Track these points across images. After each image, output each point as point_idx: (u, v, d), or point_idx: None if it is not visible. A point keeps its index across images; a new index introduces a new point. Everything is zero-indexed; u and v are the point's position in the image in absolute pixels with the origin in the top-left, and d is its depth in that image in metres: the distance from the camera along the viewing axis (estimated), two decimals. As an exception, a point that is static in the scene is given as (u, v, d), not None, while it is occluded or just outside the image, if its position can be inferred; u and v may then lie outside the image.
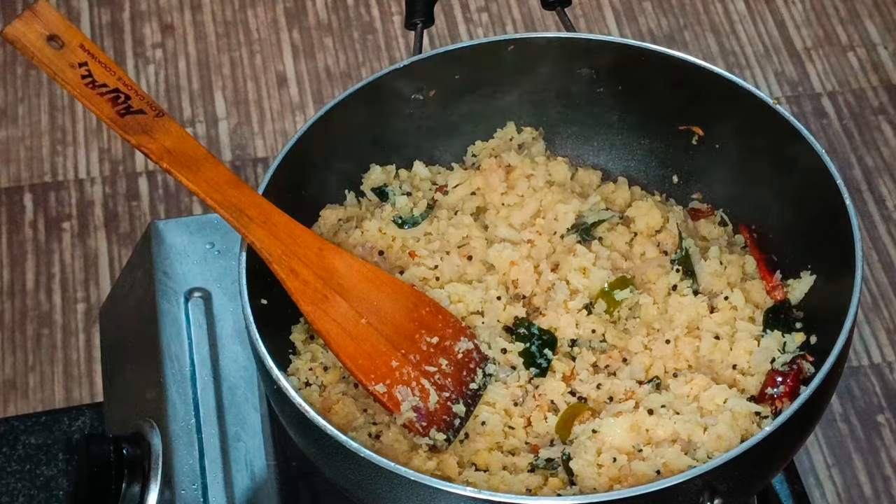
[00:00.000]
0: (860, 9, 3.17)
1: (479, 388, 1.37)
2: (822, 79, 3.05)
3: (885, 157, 2.93)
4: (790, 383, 1.34)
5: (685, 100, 1.50)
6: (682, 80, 1.48)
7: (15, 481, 1.90)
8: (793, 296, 1.42)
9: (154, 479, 1.43)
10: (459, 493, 1.18)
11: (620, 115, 1.56)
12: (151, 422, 1.47)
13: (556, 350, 1.40)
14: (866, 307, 2.71)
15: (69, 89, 1.31)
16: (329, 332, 1.33)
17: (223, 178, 1.34)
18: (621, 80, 1.52)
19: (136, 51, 3.05)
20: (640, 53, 1.49)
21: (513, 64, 1.52)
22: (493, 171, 1.52)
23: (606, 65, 1.51)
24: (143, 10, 3.13)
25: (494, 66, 1.52)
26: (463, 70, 1.51)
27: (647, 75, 1.50)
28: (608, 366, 1.39)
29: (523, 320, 1.42)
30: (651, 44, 1.48)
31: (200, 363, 1.50)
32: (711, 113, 1.49)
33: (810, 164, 1.38)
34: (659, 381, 1.36)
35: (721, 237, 1.50)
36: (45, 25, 1.31)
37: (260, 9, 3.15)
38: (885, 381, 2.61)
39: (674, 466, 1.26)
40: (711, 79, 1.46)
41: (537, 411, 1.36)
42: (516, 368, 1.39)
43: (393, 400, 1.32)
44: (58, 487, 1.90)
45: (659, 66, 1.48)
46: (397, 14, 3.14)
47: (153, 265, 1.57)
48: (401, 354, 1.34)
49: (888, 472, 2.49)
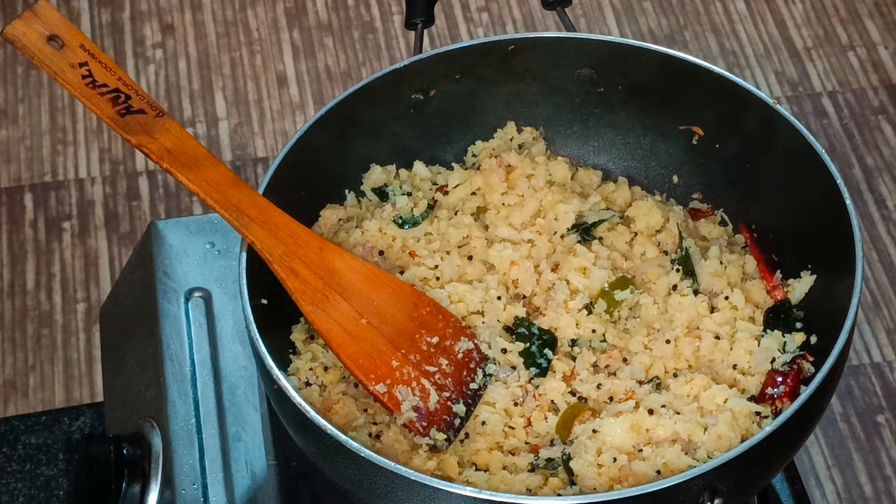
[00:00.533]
0: (860, 8, 3.17)
1: (479, 388, 1.37)
2: (822, 78, 3.05)
3: (886, 157, 2.93)
4: (790, 383, 1.33)
5: (685, 100, 1.50)
6: (682, 80, 1.48)
7: (15, 481, 1.90)
8: (793, 296, 1.42)
9: (154, 478, 1.43)
10: (459, 492, 1.18)
11: (620, 115, 1.56)
12: (152, 422, 1.47)
13: (557, 350, 1.40)
14: (866, 307, 2.71)
15: (69, 89, 1.31)
16: (329, 331, 1.33)
17: (223, 177, 1.34)
18: (621, 80, 1.52)
19: (137, 51, 3.05)
20: (640, 53, 1.49)
21: (513, 64, 1.52)
22: (494, 171, 1.52)
23: (606, 65, 1.51)
24: (144, 10, 3.13)
25: (494, 65, 1.52)
26: (463, 70, 1.51)
27: (647, 75, 1.50)
28: (608, 366, 1.39)
29: (523, 320, 1.42)
30: (651, 44, 1.48)
31: (201, 363, 1.50)
32: (711, 113, 1.49)
33: (810, 164, 1.38)
34: (659, 381, 1.36)
35: (721, 237, 1.50)
36: (45, 25, 1.31)
37: (260, 8, 3.15)
38: (886, 381, 2.61)
39: (674, 466, 1.26)
40: (712, 79, 1.46)
41: (537, 411, 1.36)
42: (516, 368, 1.39)
43: (393, 400, 1.32)
44: (58, 487, 1.90)
45: (659, 66, 1.48)
46: (397, 14, 3.14)
47: (153, 265, 1.57)
48: (401, 354, 1.34)
49: (888, 472, 2.49)
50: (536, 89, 1.55)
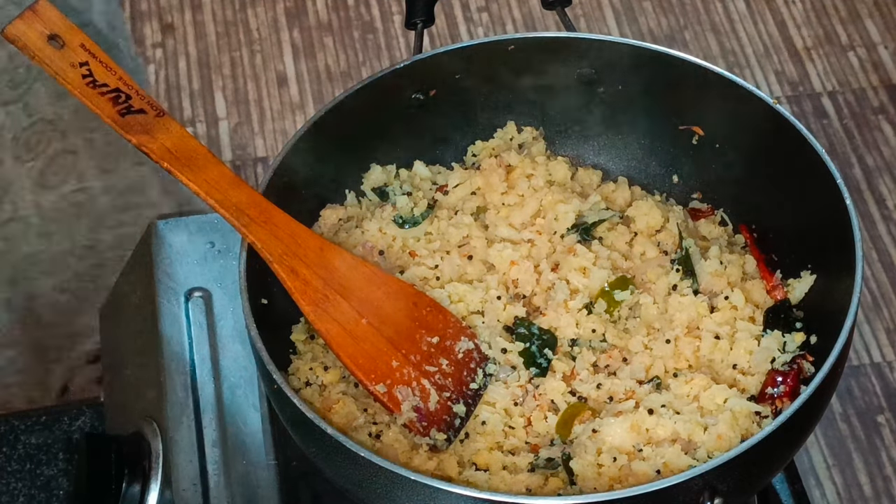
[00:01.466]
0: (860, 8, 3.18)
1: (479, 388, 1.37)
2: (822, 78, 3.05)
3: (886, 157, 2.93)
4: (790, 383, 1.33)
5: (685, 100, 1.50)
6: (682, 80, 1.48)
7: (15, 481, 1.90)
8: (793, 295, 1.42)
9: (154, 478, 1.43)
10: (459, 492, 1.18)
11: (620, 115, 1.55)
12: (152, 421, 1.47)
13: (556, 350, 1.40)
14: (866, 307, 2.72)
15: (70, 89, 1.31)
16: (329, 331, 1.33)
17: (224, 177, 1.33)
18: (621, 80, 1.52)
19: (137, 50, 3.04)
20: (640, 53, 1.49)
21: (513, 64, 1.52)
22: (494, 170, 1.52)
23: (606, 65, 1.51)
24: (144, 9, 3.13)
25: (494, 65, 1.52)
26: (463, 70, 1.51)
27: (647, 75, 1.50)
28: (608, 365, 1.39)
29: (523, 320, 1.42)
30: (651, 44, 1.48)
31: (201, 363, 1.50)
32: (712, 113, 1.49)
33: (810, 164, 1.38)
34: (659, 381, 1.36)
35: (721, 237, 1.50)
36: (45, 25, 1.31)
37: (260, 8, 3.15)
38: (886, 381, 2.61)
39: (674, 466, 1.26)
40: (711, 79, 1.46)
41: (537, 411, 1.36)
42: (516, 368, 1.39)
43: (393, 400, 1.32)
44: (58, 487, 1.90)
45: (659, 66, 1.48)
46: (398, 14, 3.15)
47: (153, 265, 1.57)
48: (401, 354, 1.34)
49: (888, 472, 2.49)
50: (536, 89, 1.55)
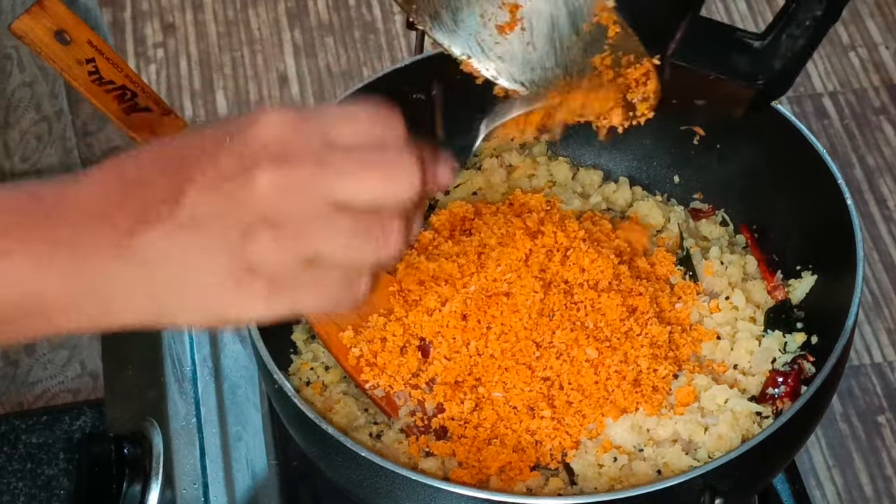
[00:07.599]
0: (861, 8, 3.18)
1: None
2: (823, 79, 3.05)
3: (887, 157, 2.93)
4: (791, 383, 1.33)
5: (686, 100, 1.50)
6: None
7: (16, 480, 1.90)
8: (794, 296, 1.42)
9: (155, 478, 1.43)
10: (460, 492, 1.18)
11: (621, 115, 1.55)
12: (152, 421, 1.47)
13: (557, 350, 1.40)
14: (867, 307, 2.72)
15: (76, 85, 1.30)
16: (329, 333, 1.33)
17: (225, 177, 1.33)
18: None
19: (138, 50, 3.05)
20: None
21: (514, 64, 1.52)
22: (495, 170, 1.51)
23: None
24: (145, 9, 3.13)
25: (495, 65, 1.52)
26: (464, 70, 1.51)
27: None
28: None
29: (524, 320, 1.41)
30: (652, 44, 1.47)
31: (201, 362, 1.50)
32: (712, 113, 1.49)
33: (811, 164, 1.38)
34: (660, 381, 1.36)
35: (722, 237, 1.50)
36: (53, 20, 1.30)
37: (261, 8, 3.15)
38: (886, 381, 2.61)
39: (674, 466, 1.26)
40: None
41: (538, 411, 1.36)
42: (517, 368, 1.38)
43: (391, 404, 1.32)
44: (59, 486, 1.90)
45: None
46: (399, 14, 3.15)
47: (154, 265, 1.57)
48: (401, 354, 1.34)
49: (889, 473, 2.49)
50: (537, 89, 1.55)
